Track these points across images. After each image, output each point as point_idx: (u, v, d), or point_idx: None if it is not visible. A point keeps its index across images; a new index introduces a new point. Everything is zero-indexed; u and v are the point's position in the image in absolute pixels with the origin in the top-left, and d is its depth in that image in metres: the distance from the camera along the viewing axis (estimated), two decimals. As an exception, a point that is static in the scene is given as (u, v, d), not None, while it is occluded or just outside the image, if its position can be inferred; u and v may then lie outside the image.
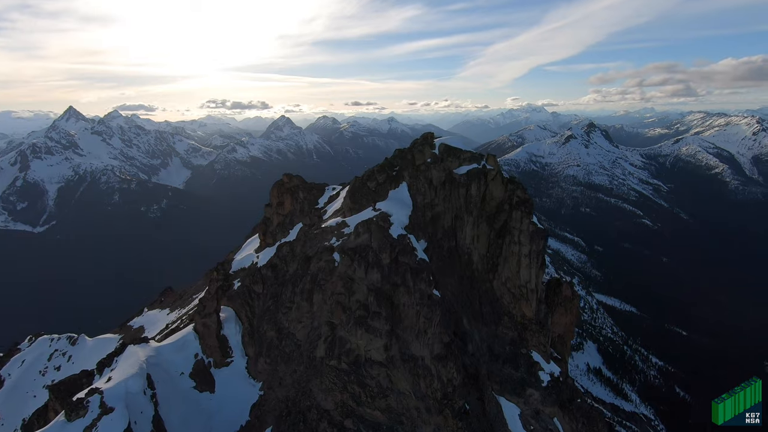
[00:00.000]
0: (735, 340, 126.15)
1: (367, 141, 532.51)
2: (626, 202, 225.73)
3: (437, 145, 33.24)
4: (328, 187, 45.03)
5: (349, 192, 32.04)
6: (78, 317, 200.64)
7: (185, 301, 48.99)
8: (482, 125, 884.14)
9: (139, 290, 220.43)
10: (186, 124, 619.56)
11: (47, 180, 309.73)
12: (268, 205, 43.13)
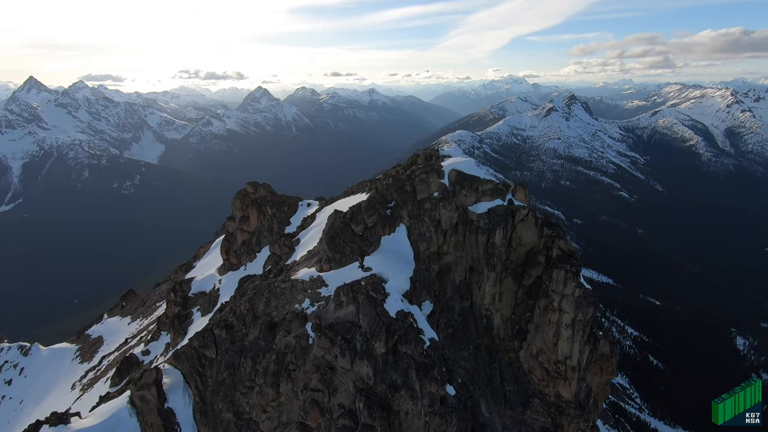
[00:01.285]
0: (704, 308, 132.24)
1: (348, 113, 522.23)
2: (605, 175, 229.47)
3: (446, 171, 23.56)
4: (302, 203, 38.26)
5: (328, 236, 21.96)
6: (50, 298, 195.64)
7: (148, 309, 44.51)
8: (464, 97, 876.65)
9: (115, 271, 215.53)
10: (158, 96, 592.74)
11: (10, 156, 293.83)
12: (230, 219, 36.90)
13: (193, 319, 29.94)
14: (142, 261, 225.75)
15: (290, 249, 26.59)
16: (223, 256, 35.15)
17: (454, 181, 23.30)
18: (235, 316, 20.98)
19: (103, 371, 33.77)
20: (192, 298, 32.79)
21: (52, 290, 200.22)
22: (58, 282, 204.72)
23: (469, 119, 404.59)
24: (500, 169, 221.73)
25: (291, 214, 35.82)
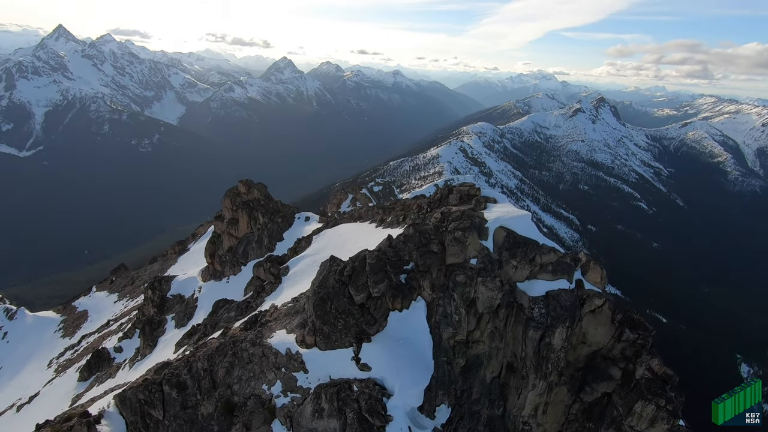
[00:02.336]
0: (710, 330, 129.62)
1: (370, 93, 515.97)
2: (625, 183, 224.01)
3: (491, 228, 15.77)
4: (299, 216, 33.13)
5: (317, 296, 14.97)
6: (61, 246, 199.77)
7: (135, 289, 42.64)
8: (490, 87, 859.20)
9: (125, 227, 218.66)
10: (183, 57, 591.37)
11: (34, 102, 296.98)
12: (218, 218, 32.75)
13: (165, 328, 26.72)
14: (153, 220, 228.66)
15: (276, 278, 21.60)
16: (207, 260, 31.58)
17: (501, 245, 15.42)
18: (190, 374, 15.82)
19: (78, 355, 32.69)
20: (170, 300, 30.10)
21: (64, 239, 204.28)
22: (70, 231, 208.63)
23: (492, 111, 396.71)
24: (519, 166, 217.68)
25: (285, 228, 31.21)
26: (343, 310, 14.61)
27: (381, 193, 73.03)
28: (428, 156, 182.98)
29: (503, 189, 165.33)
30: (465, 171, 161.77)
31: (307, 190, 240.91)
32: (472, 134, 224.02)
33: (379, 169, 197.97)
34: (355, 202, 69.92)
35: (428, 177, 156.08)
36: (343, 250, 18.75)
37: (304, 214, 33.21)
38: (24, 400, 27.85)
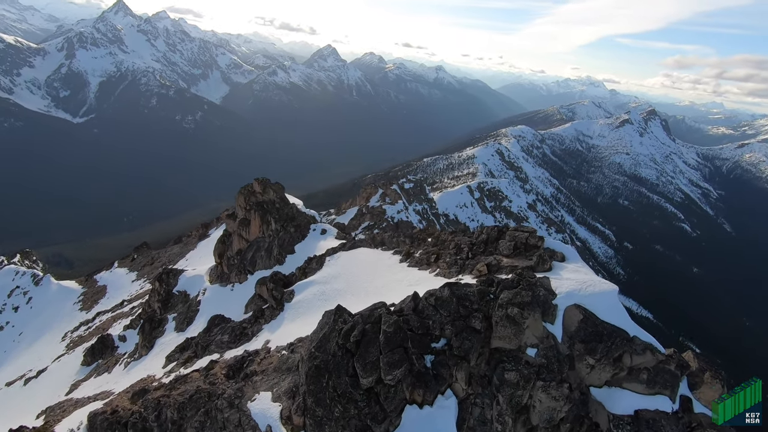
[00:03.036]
0: (747, 366, 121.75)
1: (411, 87, 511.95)
2: (669, 202, 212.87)
3: (561, 305, 10.83)
4: (314, 227, 29.48)
5: (312, 363, 10.48)
6: (103, 211, 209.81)
7: (153, 270, 42.52)
8: (534, 90, 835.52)
9: (163, 198, 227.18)
10: (231, 38, 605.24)
11: (90, 72, 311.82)
12: (230, 216, 30.37)
13: (165, 329, 25.21)
14: (189, 194, 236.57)
15: (278, 303, 18.77)
16: (216, 259, 29.60)
17: (575, 333, 10.58)
18: (157, 422, 13.34)
19: (90, 333, 32.96)
20: (174, 297, 28.59)
21: (107, 204, 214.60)
22: (112, 198, 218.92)
23: (534, 115, 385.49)
24: (557, 174, 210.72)
25: (297, 239, 27.95)
26: (343, 392, 10.34)
27: (411, 191, 71.93)
28: (463, 156, 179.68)
29: (538, 196, 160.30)
30: (500, 174, 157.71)
31: (338, 180, 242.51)
32: (510, 137, 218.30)
33: (413, 164, 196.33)
34: (384, 198, 69.23)
35: (461, 177, 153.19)
36: (357, 287, 16.24)
37: (320, 226, 29.38)
38: (33, 373, 28.70)
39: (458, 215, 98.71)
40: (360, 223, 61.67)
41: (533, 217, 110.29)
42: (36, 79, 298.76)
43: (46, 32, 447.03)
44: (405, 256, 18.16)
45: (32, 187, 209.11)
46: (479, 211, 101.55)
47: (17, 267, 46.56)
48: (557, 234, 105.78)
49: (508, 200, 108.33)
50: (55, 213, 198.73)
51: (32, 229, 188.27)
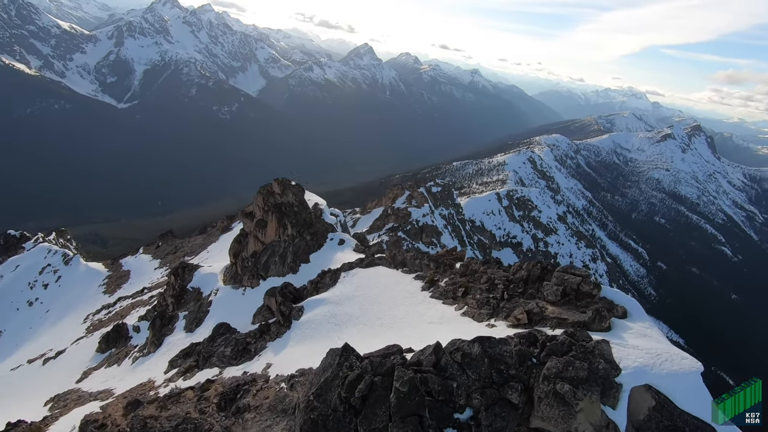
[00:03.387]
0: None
1: (445, 89, 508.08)
2: (709, 223, 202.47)
3: (625, 383, 7.60)
4: (332, 237, 27.63)
5: (308, 415, 8.19)
6: (139, 193, 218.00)
7: (176, 259, 42.96)
8: (571, 99, 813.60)
9: (196, 185, 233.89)
10: (271, 32, 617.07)
11: (136, 60, 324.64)
12: (248, 215, 29.30)
13: (175, 327, 24.79)
14: (222, 182, 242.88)
15: (285, 319, 17.83)
16: (231, 259, 29.04)
17: (644, 423, 7.72)
18: None
19: (109, 318, 33.48)
20: (188, 293, 28.16)
21: (144, 188, 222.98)
22: (149, 182, 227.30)
23: (570, 124, 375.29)
24: (590, 186, 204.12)
25: (313, 248, 26.50)
26: None
27: (439, 195, 70.96)
28: (494, 162, 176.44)
29: (569, 208, 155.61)
30: (530, 183, 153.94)
31: (366, 178, 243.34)
32: (544, 145, 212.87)
33: (442, 167, 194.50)
34: (411, 200, 68.60)
35: (490, 183, 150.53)
36: (371, 315, 14.89)
37: (338, 236, 27.37)
38: (52, 353, 29.61)
39: (485, 222, 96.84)
40: (384, 224, 61.31)
41: (563, 229, 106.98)
42: (86, 65, 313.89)
43: (99, 20, 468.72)
44: (428, 283, 16.03)
45: (75, 166, 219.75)
46: (507, 219, 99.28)
47: (50, 245, 48.20)
48: (587, 249, 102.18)
49: (537, 210, 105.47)
50: (95, 192, 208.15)
51: (72, 206, 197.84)
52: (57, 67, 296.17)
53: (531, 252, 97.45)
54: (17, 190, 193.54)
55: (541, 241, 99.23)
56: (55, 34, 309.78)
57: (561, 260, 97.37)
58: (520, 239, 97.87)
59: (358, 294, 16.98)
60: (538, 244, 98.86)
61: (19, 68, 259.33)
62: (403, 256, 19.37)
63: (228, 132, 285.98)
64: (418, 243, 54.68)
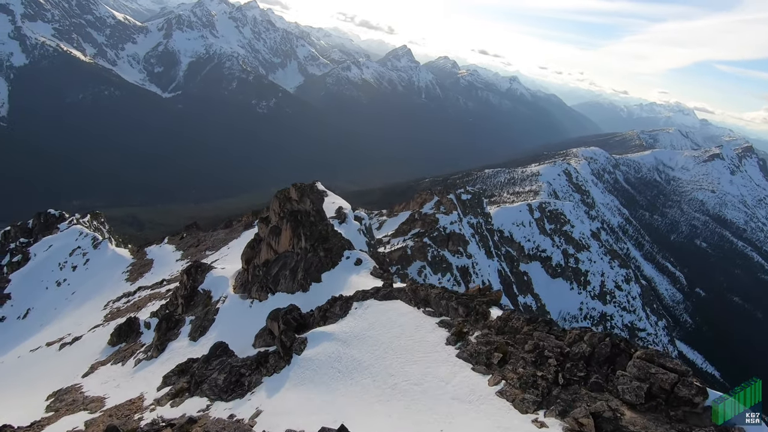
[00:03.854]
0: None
1: (481, 95, 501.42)
2: (756, 251, 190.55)
3: None
4: (348, 255, 24.14)
5: None
6: (175, 179, 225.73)
7: (197, 252, 43.15)
8: (613, 111, 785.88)
9: (229, 176, 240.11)
10: (312, 31, 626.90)
11: (182, 52, 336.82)
12: (263, 220, 27.20)
13: (180, 332, 23.56)
14: (255, 174, 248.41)
15: (286, 352, 15.86)
16: (243, 265, 27.11)
17: None
18: None
19: (127, 308, 33.45)
20: (198, 295, 26.94)
21: (182, 175, 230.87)
22: (187, 169, 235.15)
23: (610, 138, 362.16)
24: (627, 203, 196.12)
25: (327, 266, 23.44)
26: None
27: (468, 203, 69.58)
28: (527, 171, 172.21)
29: (603, 224, 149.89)
30: (564, 196, 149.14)
31: (396, 179, 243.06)
32: (581, 158, 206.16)
33: (473, 174, 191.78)
34: (439, 206, 67.59)
35: (522, 194, 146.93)
36: (381, 368, 12.60)
37: (355, 255, 23.81)
38: (69, 339, 30.23)
39: (513, 233, 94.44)
40: (410, 228, 60.64)
41: (596, 246, 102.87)
42: (136, 54, 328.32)
43: (151, 12, 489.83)
44: (455, 336, 12.88)
45: (120, 151, 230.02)
46: (537, 232, 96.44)
47: (82, 228, 49.47)
48: (621, 269, 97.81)
49: (570, 225, 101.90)
50: (135, 176, 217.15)
51: (115, 188, 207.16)
52: (110, 56, 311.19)
53: (560, 267, 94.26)
54: (66, 170, 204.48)
55: (571, 257, 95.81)
56: (110, 24, 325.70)
57: (591, 278, 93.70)
58: (549, 253, 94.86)
59: (369, 334, 14.68)
60: (569, 259, 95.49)
61: (76, 55, 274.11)
62: (426, 293, 16.10)
63: (264, 126, 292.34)
64: (444, 250, 53.71)
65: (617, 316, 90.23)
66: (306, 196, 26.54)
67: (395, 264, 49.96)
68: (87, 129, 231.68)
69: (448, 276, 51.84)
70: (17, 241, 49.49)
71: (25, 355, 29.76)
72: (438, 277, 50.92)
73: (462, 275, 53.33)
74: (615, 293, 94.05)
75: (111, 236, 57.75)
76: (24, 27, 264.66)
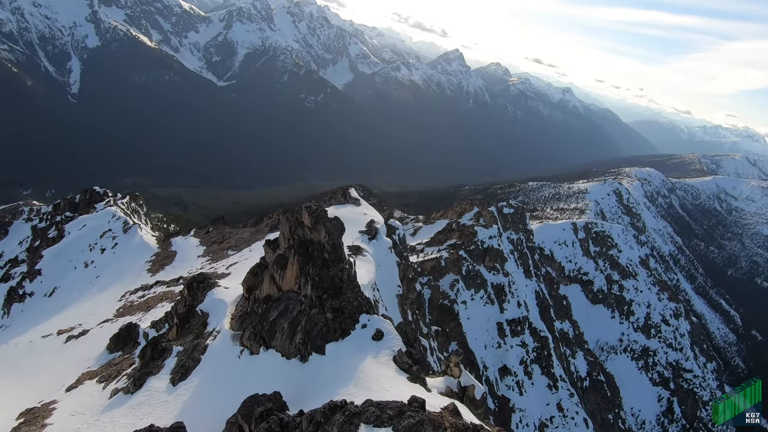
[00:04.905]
0: None
1: (531, 104, 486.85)
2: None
3: None
4: (367, 321, 16.56)
5: None
6: (222, 167, 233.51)
7: (219, 250, 40.10)
8: (672, 132, 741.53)
9: (274, 166, 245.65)
10: (366, 29, 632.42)
11: (240, 43, 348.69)
12: (270, 244, 21.72)
13: (164, 365, 19.20)
14: (297, 167, 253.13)
15: None
16: (244, 292, 22.18)
17: None
18: None
19: (139, 305, 30.66)
20: (195, 317, 22.46)
21: (225, 161, 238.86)
22: (234, 156, 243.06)
23: (667, 159, 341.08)
24: (681, 231, 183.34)
25: (335, 332, 16.52)
26: None
27: (510, 217, 66.44)
28: (574, 188, 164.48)
29: (653, 251, 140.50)
30: (612, 217, 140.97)
31: (435, 183, 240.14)
32: (634, 179, 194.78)
33: (515, 185, 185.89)
34: (479, 218, 64.88)
35: (567, 211, 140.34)
36: None
37: (375, 323, 16.33)
38: (77, 331, 28.12)
39: (554, 252, 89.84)
40: (447, 239, 58.52)
41: (644, 275, 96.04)
42: (197, 43, 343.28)
43: (215, 3, 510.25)
44: None
45: (174, 133, 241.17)
46: (580, 253, 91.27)
47: (115, 210, 48.93)
48: (670, 302, 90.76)
49: (617, 249, 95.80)
50: (186, 159, 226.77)
51: (166, 169, 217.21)
52: (173, 43, 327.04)
53: (602, 293, 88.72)
54: (123, 148, 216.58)
55: (615, 284, 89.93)
56: (176, 13, 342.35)
57: (636, 309, 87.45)
58: (591, 277, 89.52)
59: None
60: (612, 286, 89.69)
61: (143, 40, 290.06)
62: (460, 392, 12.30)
63: (310, 120, 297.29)
64: (480, 266, 51.31)
65: (661, 353, 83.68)
66: (321, 223, 20.24)
67: (427, 275, 48.18)
68: (145, 111, 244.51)
69: (481, 293, 49.44)
70: (63, 215, 50.95)
71: (36, 340, 28.79)
72: (471, 293, 48.67)
73: (497, 293, 50.74)
74: (661, 327, 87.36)
75: (148, 218, 58.01)
76: (100, 11, 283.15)
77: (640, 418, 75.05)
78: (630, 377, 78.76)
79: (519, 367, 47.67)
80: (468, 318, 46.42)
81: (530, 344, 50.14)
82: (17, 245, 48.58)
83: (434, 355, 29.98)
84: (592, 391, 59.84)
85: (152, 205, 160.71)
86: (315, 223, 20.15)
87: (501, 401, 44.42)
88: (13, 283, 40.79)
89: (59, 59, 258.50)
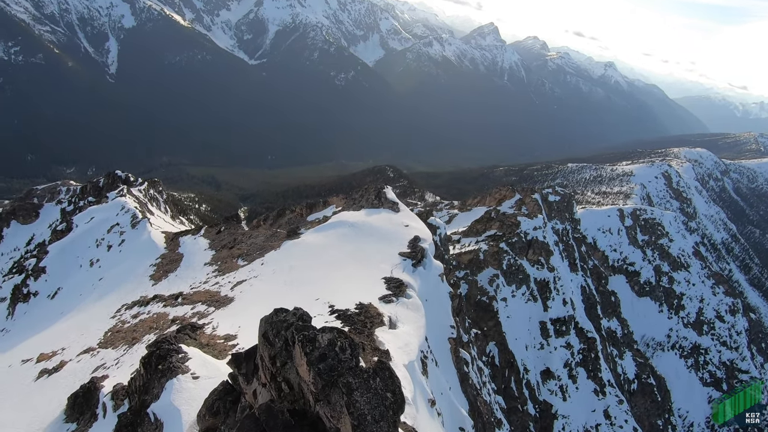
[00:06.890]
0: None
1: (570, 80, 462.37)
2: None
3: None
4: None
5: None
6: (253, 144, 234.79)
7: (228, 259, 30.43)
8: (725, 109, 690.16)
9: (305, 144, 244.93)
10: (397, 4, 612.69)
11: (271, 20, 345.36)
12: (237, 362, 8.02)
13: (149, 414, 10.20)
14: (328, 146, 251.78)
15: None
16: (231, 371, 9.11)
17: None
18: None
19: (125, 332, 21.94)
20: (146, 421, 11.13)
21: (257, 139, 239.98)
22: (262, 135, 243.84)
23: (719, 139, 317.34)
24: (735, 217, 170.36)
25: None
26: None
27: (555, 205, 61.77)
28: (617, 170, 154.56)
29: (704, 239, 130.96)
30: (660, 202, 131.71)
31: (468, 164, 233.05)
32: (684, 160, 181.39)
33: (553, 167, 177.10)
34: (521, 206, 60.36)
35: (610, 195, 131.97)
36: None
37: None
38: (54, 363, 20.65)
39: (598, 240, 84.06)
40: (485, 229, 54.65)
41: (698, 266, 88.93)
42: (229, 21, 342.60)
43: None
44: None
45: (207, 112, 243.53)
46: (626, 242, 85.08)
47: (125, 201, 43.73)
48: (726, 297, 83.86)
49: (668, 238, 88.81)
50: (219, 137, 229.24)
51: (199, 147, 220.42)
52: (206, 21, 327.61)
53: (649, 285, 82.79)
54: (158, 127, 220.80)
55: (665, 276, 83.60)
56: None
57: (687, 303, 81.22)
58: (638, 268, 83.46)
59: None
60: (661, 278, 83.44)
61: (176, 19, 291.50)
62: None
63: (340, 98, 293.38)
64: (523, 259, 47.53)
65: (714, 351, 77.79)
66: (341, 395, 5.14)
67: (464, 268, 44.98)
68: (179, 90, 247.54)
69: (523, 289, 45.86)
70: (86, 200, 48.25)
71: (14, 366, 22.31)
72: (512, 289, 45.20)
73: (540, 290, 47.05)
74: (715, 324, 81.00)
75: (168, 206, 54.87)
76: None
77: (688, 420, 70.39)
78: (678, 376, 73.77)
79: (563, 371, 44.29)
80: (508, 316, 43.12)
81: (576, 345, 46.48)
82: (47, 228, 47.52)
83: (475, 365, 26.76)
84: (640, 394, 55.84)
85: (186, 184, 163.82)
86: (326, 388, 5.50)
87: (542, 407, 41.45)
88: (17, 280, 36.37)
89: (98, 40, 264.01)
